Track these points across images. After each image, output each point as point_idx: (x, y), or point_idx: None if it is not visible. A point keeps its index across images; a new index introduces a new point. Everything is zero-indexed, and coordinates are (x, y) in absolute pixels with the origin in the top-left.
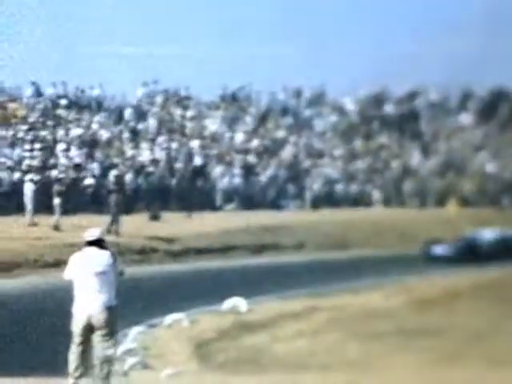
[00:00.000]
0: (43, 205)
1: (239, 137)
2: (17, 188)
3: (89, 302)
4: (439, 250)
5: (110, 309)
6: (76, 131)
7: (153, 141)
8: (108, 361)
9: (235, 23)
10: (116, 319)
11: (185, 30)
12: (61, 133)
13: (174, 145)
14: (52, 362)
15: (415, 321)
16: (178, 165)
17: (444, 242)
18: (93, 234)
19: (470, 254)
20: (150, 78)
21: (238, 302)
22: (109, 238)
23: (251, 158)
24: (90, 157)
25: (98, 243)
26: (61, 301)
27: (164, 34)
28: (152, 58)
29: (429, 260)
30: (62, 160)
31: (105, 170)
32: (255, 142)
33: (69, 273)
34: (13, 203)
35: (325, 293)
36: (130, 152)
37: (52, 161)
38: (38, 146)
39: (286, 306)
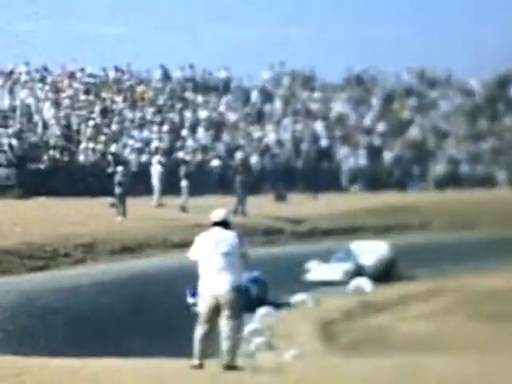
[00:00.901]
0: (170, 186)
1: (364, 118)
2: (144, 170)
3: (215, 283)
4: None
5: (235, 289)
6: (203, 113)
7: (278, 122)
8: (234, 341)
9: (361, 6)
10: (242, 300)
11: (312, 13)
12: (188, 115)
13: (300, 126)
14: (177, 342)
15: None
16: (304, 146)
17: None
18: (218, 215)
19: None
20: (277, 61)
21: (362, 283)
22: (235, 219)
23: (376, 139)
24: (216, 139)
25: (224, 224)
26: (186, 282)
27: (291, 17)
28: (278, 40)
29: None
30: (189, 142)
31: (231, 152)
32: (380, 123)
33: (195, 253)
34: (140, 185)
35: (450, 273)
36: (256, 134)
37: (179, 143)
38: (165, 128)
39: (410, 287)
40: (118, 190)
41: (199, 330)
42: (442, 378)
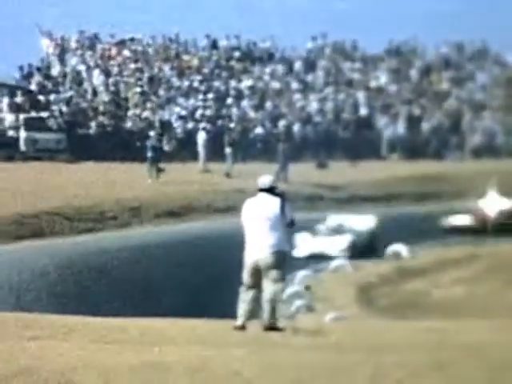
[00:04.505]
0: (215, 153)
1: (403, 89)
2: (190, 136)
3: (259, 246)
4: None
5: (279, 253)
6: (247, 82)
7: (320, 92)
8: (275, 303)
9: None
10: (285, 263)
11: None
12: (233, 84)
13: (341, 96)
14: (221, 304)
15: None
16: (345, 115)
17: None
18: (265, 181)
19: None
20: (319, 32)
21: (399, 249)
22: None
23: (415, 110)
24: (260, 107)
25: (270, 190)
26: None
27: None
28: (321, 12)
29: None
30: (234, 110)
31: (274, 120)
32: (419, 94)
33: (243, 217)
34: (186, 151)
35: (485, 240)
36: (298, 103)
37: (224, 111)
38: (211, 96)
39: (446, 253)
40: (150, 154)
41: (243, 292)
42: (474, 343)
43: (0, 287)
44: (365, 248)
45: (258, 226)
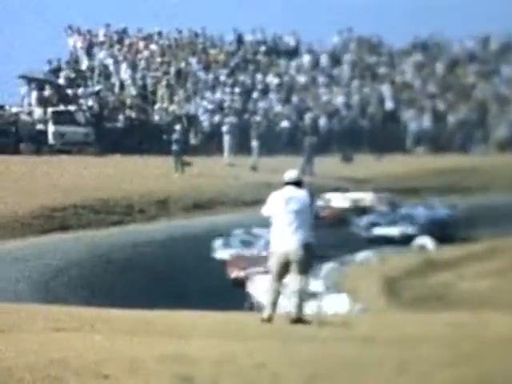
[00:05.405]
0: (241, 146)
1: (429, 83)
2: (217, 130)
3: (286, 239)
4: None
5: (306, 246)
6: (274, 80)
7: (346, 86)
8: (302, 296)
9: None
10: (311, 256)
11: None
12: (259, 78)
13: (367, 90)
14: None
15: None
16: (370, 109)
17: None
18: (291, 175)
19: None
20: (345, 26)
21: (425, 241)
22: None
23: (440, 104)
24: (286, 101)
25: (297, 184)
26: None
27: None
28: (347, 6)
29: None
30: (260, 104)
31: (300, 114)
32: (445, 88)
33: (267, 210)
34: (213, 144)
35: (510, 234)
36: (324, 96)
37: (250, 105)
38: (237, 90)
39: (471, 246)
40: (175, 147)
41: (270, 285)
42: (499, 335)
43: (28, 280)
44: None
45: (286, 218)
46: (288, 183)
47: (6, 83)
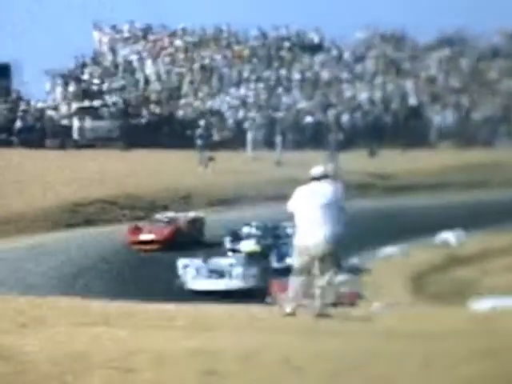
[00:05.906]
0: (266, 141)
1: (453, 78)
2: (240, 125)
3: (312, 234)
4: None
5: (331, 241)
6: (297, 72)
7: (370, 81)
8: (327, 291)
9: None
10: (337, 251)
11: None
12: (283, 73)
13: (390, 85)
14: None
15: None
16: (394, 104)
17: None
18: (318, 170)
19: None
20: (369, 21)
21: (449, 237)
22: None
23: (465, 99)
24: (310, 97)
25: (323, 179)
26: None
27: None
28: (371, 1)
29: None
30: (284, 99)
31: (324, 109)
32: (469, 84)
33: (293, 204)
34: (237, 139)
35: None
36: (348, 92)
37: (274, 100)
38: (261, 85)
39: (494, 241)
40: (199, 142)
41: (294, 280)
42: None
43: (54, 274)
44: None
45: (312, 213)
46: (315, 178)
47: (31, 79)
